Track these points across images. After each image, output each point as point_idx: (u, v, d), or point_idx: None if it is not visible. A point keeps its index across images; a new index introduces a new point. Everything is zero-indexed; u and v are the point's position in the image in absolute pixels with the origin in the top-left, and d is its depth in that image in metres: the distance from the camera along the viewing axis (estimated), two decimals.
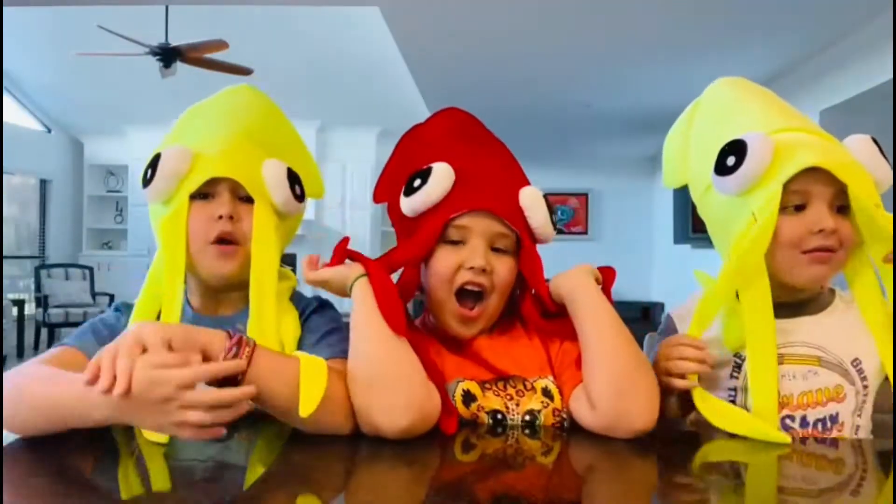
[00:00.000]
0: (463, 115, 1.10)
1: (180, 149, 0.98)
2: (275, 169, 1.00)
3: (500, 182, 1.02)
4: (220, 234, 0.96)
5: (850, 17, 3.51)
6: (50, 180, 7.93)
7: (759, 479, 0.84)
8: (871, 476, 0.85)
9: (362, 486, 0.77)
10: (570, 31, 3.89)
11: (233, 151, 1.00)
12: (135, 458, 0.83)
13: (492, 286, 0.97)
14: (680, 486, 0.80)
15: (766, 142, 0.93)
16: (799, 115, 1.04)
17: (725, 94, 1.08)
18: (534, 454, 0.89)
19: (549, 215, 1.01)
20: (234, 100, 1.10)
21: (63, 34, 5.83)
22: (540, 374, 0.99)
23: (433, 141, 1.06)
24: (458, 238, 0.98)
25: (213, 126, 1.04)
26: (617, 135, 7.01)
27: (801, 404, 0.96)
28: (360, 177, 7.97)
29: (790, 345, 0.98)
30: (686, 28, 3.78)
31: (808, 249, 0.94)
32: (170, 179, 0.96)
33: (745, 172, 0.92)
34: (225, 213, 0.96)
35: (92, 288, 7.22)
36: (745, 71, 4.47)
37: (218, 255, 0.97)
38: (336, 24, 5.61)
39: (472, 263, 0.96)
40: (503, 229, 0.98)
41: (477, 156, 1.05)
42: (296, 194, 1.02)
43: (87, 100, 7.32)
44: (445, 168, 0.99)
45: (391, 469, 0.79)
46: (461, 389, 0.96)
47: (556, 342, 1.00)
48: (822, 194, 0.93)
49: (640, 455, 0.85)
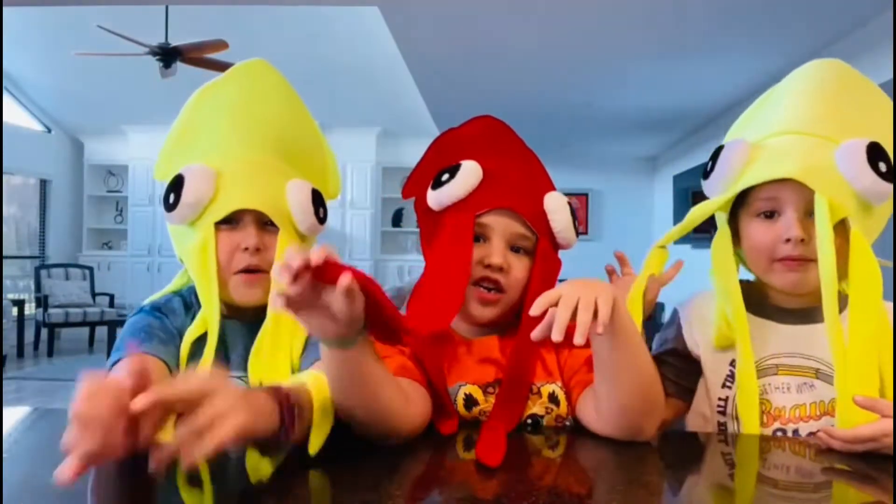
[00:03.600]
0: (498, 123, 1.11)
1: (202, 169, 0.96)
2: (299, 194, 0.99)
3: (526, 184, 1.03)
4: (247, 266, 0.96)
5: (849, 17, 3.51)
6: (50, 180, 7.93)
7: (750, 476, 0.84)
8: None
9: (362, 485, 0.77)
10: (571, 30, 3.89)
11: (256, 174, 0.99)
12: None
13: (507, 284, 0.98)
14: (685, 485, 0.80)
15: (737, 150, 0.95)
16: (848, 106, 0.98)
17: (786, 84, 1.05)
18: (536, 453, 0.88)
19: (572, 221, 1.02)
20: (249, 88, 1.07)
21: (63, 34, 5.82)
22: (548, 379, 0.98)
23: (465, 141, 1.08)
24: (480, 234, 0.99)
25: (231, 129, 1.02)
26: (617, 135, 7.02)
27: (793, 417, 0.94)
28: (360, 177, 7.98)
29: (788, 355, 0.96)
30: (686, 28, 3.78)
31: (779, 258, 0.94)
32: (195, 206, 0.96)
33: (713, 179, 0.98)
34: (251, 245, 0.96)
35: (92, 288, 7.22)
36: (745, 71, 4.47)
37: (245, 284, 0.97)
38: (336, 24, 5.61)
39: (491, 261, 0.96)
40: (524, 230, 0.99)
41: (506, 158, 1.06)
42: (319, 217, 1.02)
43: (87, 100, 7.32)
44: (474, 165, 1.00)
45: (390, 468, 0.79)
46: (463, 394, 0.96)
47: (565, 346, 0.99)
48: (793, 202, 0.92)
49: (643, 455, 0.85)
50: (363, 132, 7.83)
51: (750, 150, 0.95)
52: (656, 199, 8.20)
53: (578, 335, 0.74)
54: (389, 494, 0.71)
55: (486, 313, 0.99)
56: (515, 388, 0.95)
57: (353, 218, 8.04)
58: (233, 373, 0.98)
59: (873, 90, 1.01)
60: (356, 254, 8.05)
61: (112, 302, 7.21)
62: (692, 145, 6.91)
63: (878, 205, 0.92)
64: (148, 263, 7.89)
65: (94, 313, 6.77)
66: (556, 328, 0.74)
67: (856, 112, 0.97)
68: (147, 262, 7.90)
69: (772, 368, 0.96)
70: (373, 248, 8.20)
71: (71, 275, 7.12)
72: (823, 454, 0.85)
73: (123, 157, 8.03)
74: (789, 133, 0.96)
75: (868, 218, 0.93)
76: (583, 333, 0.74)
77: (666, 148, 7.85)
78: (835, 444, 0.84)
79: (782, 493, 0.77)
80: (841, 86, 0.99)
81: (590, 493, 0.74)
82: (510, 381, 0.95)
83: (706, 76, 4.73)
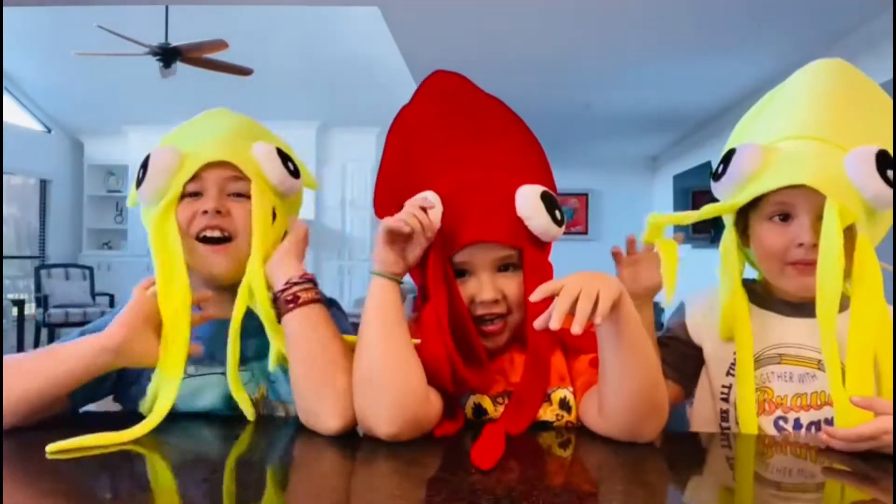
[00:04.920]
0: (450, 88, 1.05)
1: (170, 147, 1.00)
2: (265, 148, 1.01)
3: (495, 197, 0.97)
4: (205, 226, 0.97)
5: (849, 17, 3.51)
6: (50, 180, 7.93)
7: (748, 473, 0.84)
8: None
9: (362, 485, 0.77)
10: (571, 30, 3.89)
11: (222, 139, 1.02)
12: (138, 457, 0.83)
13: (508, 309, 0.95)
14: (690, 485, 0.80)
15: (750, 154, 0.95)
16: (854, 107, 0.99)
17: (791, 85, 1.05)
18: (536, 453, 0.88)
19: (549, 216, 0.96)
20: (216, 114, 1.12)
21: (63, 34, 5.82)
22: (560, 385, 0.97)
23: (421, 143, 1.03)
24: (462, 268, 0.96)
25: (200, 133, 1.06)
26: (617, 135, 7.02)
27: (795, 406, 0.96)
28: (360, 177, 7.97)
29: (793, 346, 0.98)
30: (686, 28, 3.78)
31: (790, 261, 0.96)
32: (161, 174, 0.97)
33: (724, 181, 0.98)
34: (211, 207, 0.97)
35: (92, 288, 7.21)
36: (745, 71, 4.47)
37: (210, 252, 0.98)
38: (336, 24, 5.61)
39: (482, 297, 0.94)
40: (505, 251, 0.95)
41: (468, 162, 1.00)
42: (289, 170, 1.02)
43: (87, 100, 7.32)
44: (433, 198, 0.94)
45: (391, 468, 0.79)
46: (472, 403, 0.95)
47: (573, 350, 0.99)
48: (806, 207, 0.93)
49: (644, 455, 0.85)
50: (363, 132, 7.83)
51: (763, 154, 0.96)
52: (656, 198, 8.20)
53: (576, 324, 0.74)
54: (390, 494, 0.71)
55: (498, 341, 0.97)
56: (528, 394, 0.93)
57: (353, 218, 8.03)
58: (218, 370, 0.99)
59: (875, 91, 1.02)
60: (356, 254, 8.04)
61: (112, 302, 7.21)
62: (692, 145, 6.91)
63: (882, 211, 0.94)
64: (148, 263, 7.70)
65: (94, 313, 6.76)
66: (555, 316, 0.74)
67: (860, 115, 0.99)
68: (147, 262, 7.65)
69: (775, 358, 0.98)
70: (373, 248, 8.17)
71: (71, 275, 7.11)
72: (823, 454, 0.85)
73: (123, 157, 8.01)
74: (800, 138, 0.97)
75: (873, 223, 0.95)
76: (581, 322, 0.73)
77: (666, 148, 7.85)
78: (836, 443, 0.85)
79: (782, 493, 0.77)
80: (846, 88, 1.00)
81: (590, 493, 0.74)
82: (523, 387, 0.93)
83: (706, 76, 4.73)
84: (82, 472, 0.77)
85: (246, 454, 0.89)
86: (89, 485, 0.75)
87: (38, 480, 0.73)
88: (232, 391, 0.96)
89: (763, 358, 0.99)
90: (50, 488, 0.71)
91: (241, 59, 4.98)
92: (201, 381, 1.00)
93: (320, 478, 0.78)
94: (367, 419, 0.85)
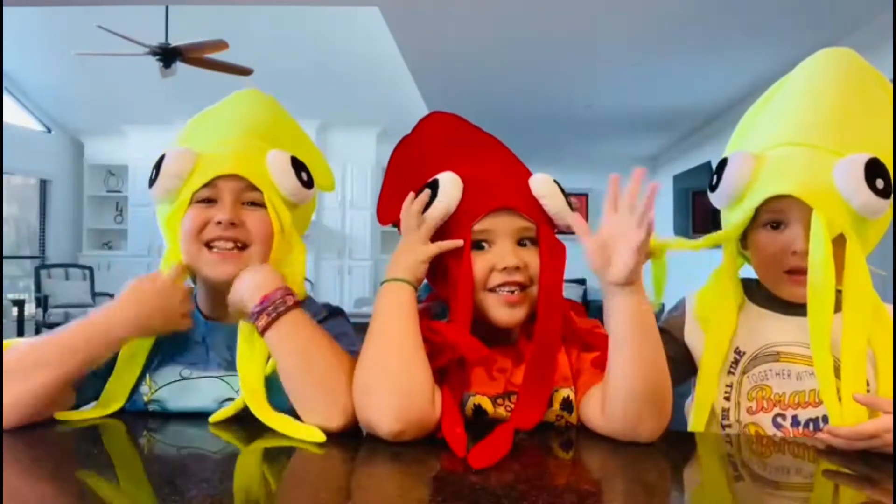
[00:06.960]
0: (450, 118, 1.08)
1: (184, 149, 0.99)
2: (278, 157, 1.00)
3: (509, 177, 1.00)
4: (218, 237, 0.96)
5: (849, 17, 3.51)
6: (50, 180, 7.94)
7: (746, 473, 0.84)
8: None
9: (362, 485, 0.77)
10: (571, 30, 3.89)
11: (236, 150, 1.01)
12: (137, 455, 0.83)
13: (529, 279, 0.95)
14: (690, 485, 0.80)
15: (740, 164, 0.96)
16: (857, 105, 0.99)
17: (792, 81, 1.05)
18: (536, 453, 0.88)
19: (565, 199, 0.99)
20: (239, 102, 1.11)
21: (63, 34, 5.83)
22: (563, 384, 0.96)
23: (428, 152, 1.04)
24: (483, 241, 0.96)
25: (218, 130, 1.05)
26: (617, 135, 7.02)
27: (792, 403, 0.96)
28: (360, 177, 7.98)
29: (790, 344, 0.98)
30: (686, 28, 3.78)
31: (786, 269, 0.96)
32: (173, 178, 0.97)
33: (719, 192, 1.00)
34: (225, 218, 0.96)
35: (92, 288, 7.22)
36: (745, 70, 4.47)
37: (218, 260, 0.97)
38: (336, 24, 5.61)
39: (505, 264, 0.93)
40: (525, 222, 0.96)
41: (477, 157, 1.03)
42: (302, 181, 1.01)
43: (87, 100, 7.33)
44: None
45: (391, 469, 0.79)
46: (472, 404, 0.95)
47: (575, 350, 0.99)
48: (797, 215, 0.94)
49: (644, 455, 0.85)
50: (363, 132, 7.83)
51: (754, 163, 0.96)
52: (656, 198, 8.20)
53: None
54: (390, 494, 0.71)
55: (516, 315, 0.95)
56: (534, 389, 0.92)
57: (353, 218, 8.04)
58: (213, 374, 0.99)
59: (880, 82, 1.02)
60: (356, 254, 8.05)
61: None
62: (692, 145, 6.91)
63: (873, 219, 0.94)
64: (148, 263, 7.87)
65: None
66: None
67: (860, 113, 0.98)
68: (147, 262, 7.88)
69: (773, 355, 0.99)
70: (373, 248, 8.20)
71: (71, 275, 7.12)
72: (823, 455, 0.85)
73: (123, 157, 8.02)
74: (791, 144, 0.97)
75: (865, 228, 0.95)
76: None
77: (666, 148, 7.85)
78: (837, 442, 0.85)
79: (782, 493, 0.77)
80: (847, 83, 1.00)
81: (590, 493, 0.74)
82: (529, 381, 0.92)
83: (706, 75, 4.73)
84: (71, 471, 0.77)
85: (245, 454, 0.89)
86: (85, 484, 0.75)
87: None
88: (252, 410, 0.93)
89: (762, 356, 0.99)
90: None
91: (241, 59, 4.98)
92: (196, 383, 0.99)
93: (320, 478, 0.78)
94: (371, 417, 0.85)
